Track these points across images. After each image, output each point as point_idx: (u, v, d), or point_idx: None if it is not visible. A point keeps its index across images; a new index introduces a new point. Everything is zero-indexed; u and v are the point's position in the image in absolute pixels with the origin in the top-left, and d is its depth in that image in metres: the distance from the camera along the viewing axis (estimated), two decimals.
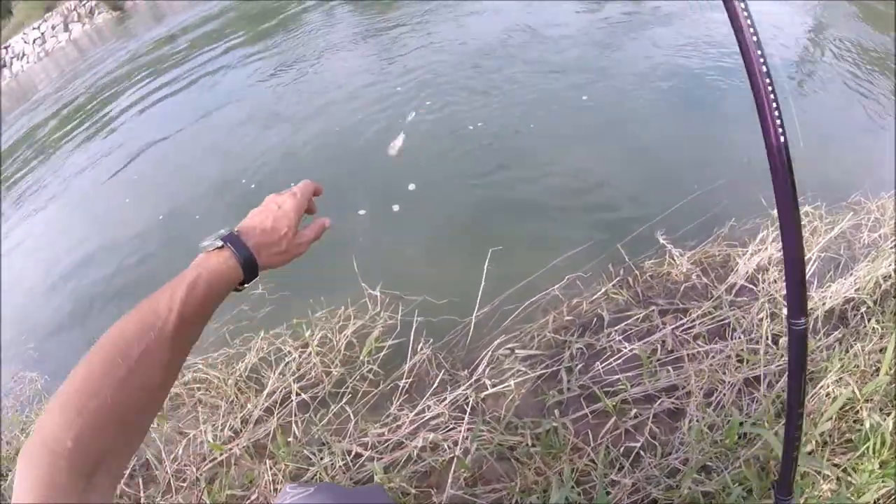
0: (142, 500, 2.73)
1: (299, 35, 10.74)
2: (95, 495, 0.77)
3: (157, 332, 0.89)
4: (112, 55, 19.06)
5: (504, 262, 3.25)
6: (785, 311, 2.62)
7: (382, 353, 3.05)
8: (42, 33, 35.23)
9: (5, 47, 36.18)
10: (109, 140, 9.58)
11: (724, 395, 2.37)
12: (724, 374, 2.45)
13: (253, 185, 5.55)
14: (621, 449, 2.30)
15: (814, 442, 2.09)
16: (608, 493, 2.13)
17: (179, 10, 22.13)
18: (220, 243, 1.04)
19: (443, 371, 2.85)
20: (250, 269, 1.06)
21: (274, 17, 13.06)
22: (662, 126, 4.77)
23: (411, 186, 4.61)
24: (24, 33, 35.88)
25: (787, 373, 1.95)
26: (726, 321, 2.70)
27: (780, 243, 2.97)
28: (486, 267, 3.06)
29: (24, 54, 34.99)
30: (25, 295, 5.68)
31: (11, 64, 35.12)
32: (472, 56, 7.05)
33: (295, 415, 2.86)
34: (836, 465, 2.03)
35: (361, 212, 4.51)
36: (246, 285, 1.09)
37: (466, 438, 2.43)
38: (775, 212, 3.05)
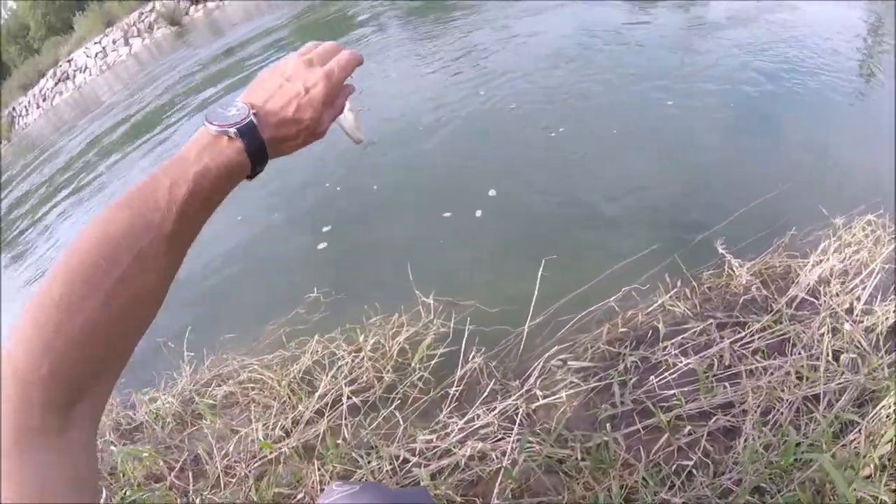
0: (190, 494, 2.78)
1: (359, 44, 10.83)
2: (77, 431, 0.67)
3: (155, 232, 0.76)
4: (178, 64, 19.62)
5: (559, 271, 3.20)
6: (848, 326, 2.54)
7: (434, 361, 3.04)
8: (103, 47, 36.63)
9: (68, 60, 37.64)
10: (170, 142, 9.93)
11: (782, 413, 2.29)
12: (783, 391, 2.36)
13: (339, 188, 5.56)
14: (673, 467, 2.24)
15: (872, 465, 2.00)
16: None
17: (238, 24, 22.58)
18: (233, 133, 0.88)
19: (493, 380, 2.82)
20: (260, 163, 0.93)
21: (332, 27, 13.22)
22: (728, 132, 4.63)
23: (492, 192, 4.57)
24: (86, 47, 37.42)
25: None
26: (786, 336, 2.61)
27: (842, 254, 2.89)
28: (539, 275, 3.01)
29: (86, 67, 36.57)
30: None
31: (75, 76, 36.57)
32: (551, 58, 6.94)
33: (345, 418, 2.88)
34: (894, 492, 1.95)
35: (447, 214, 4.50)
36: (249, 179, 0.96)
37: (515, 449, 2.41)
38: (837, 220, 2.97)
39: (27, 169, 17.71)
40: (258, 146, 0.90)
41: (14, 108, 43.25)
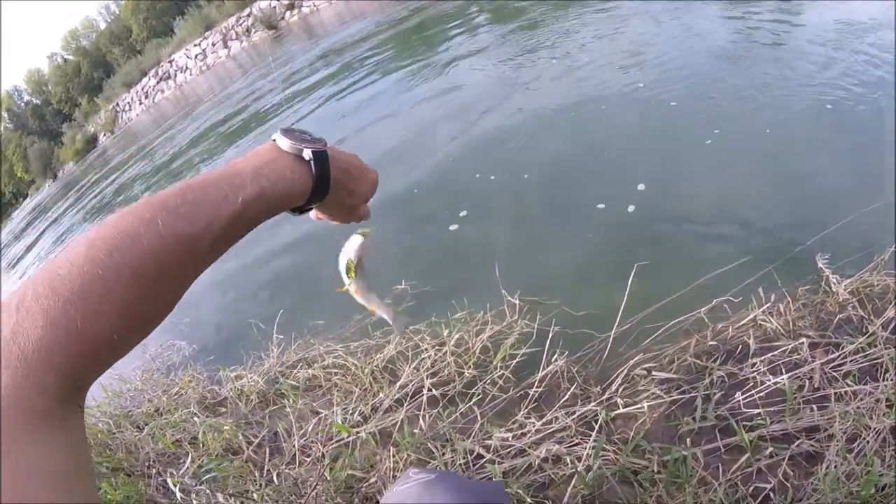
0: (266, 468, 2.86)
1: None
2: (73, 420, 0.66)
3: (188, 252, 0.73)
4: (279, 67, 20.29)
5: (650, 278, 3.14)
6: None
7: (516, 361, 3.05)
8: (203, 49, 38.63)
9: (169, 61, 39.48)
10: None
11: (868, 442, 2.19)
12: (871, 419, 2.26)
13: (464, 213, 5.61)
14: (750, 488, 2.17)
15: None
16: None
17: (331, 29, 23.11)
18: (308, 155, 0.88)
19: (574, 385, 2.81)
20: (316, 197, 0.92)
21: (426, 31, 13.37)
22: (824, 144, 4.49)
23: (641, 186, 4.54)
24: (187, 49, 39.65)
25: None
26: (879, 360, 2.49)
27: None
28: (630, 280, 2.97)
29: (186, 67, 38.36)
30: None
31: (176, 76, 38.29)
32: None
33: (423, 409, 2.93)
34: None
35: (601, 205, 4.48)
36: (297, 213, 0.96)
37: (590, 455, 2.38)
38: None
39: (132, 160, 18.52)
40: (325, 178, 0.91)
41: (118, 104, 45.40)
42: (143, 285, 0.69)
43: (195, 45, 39.29)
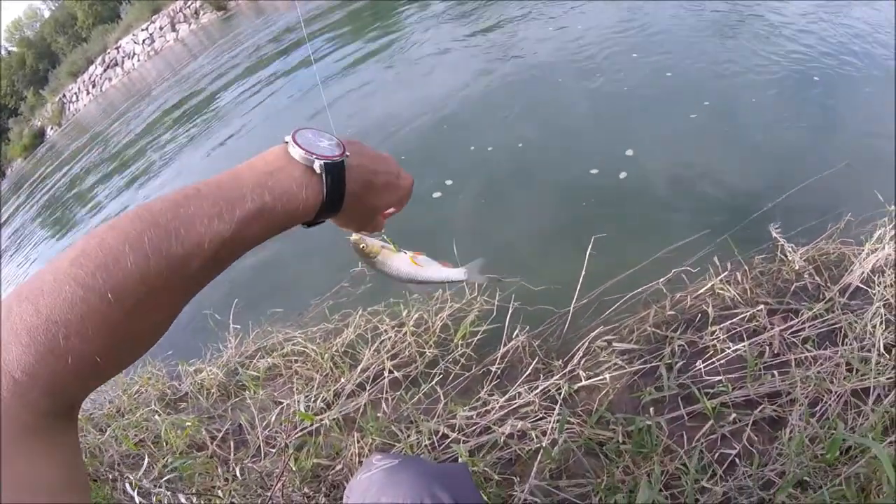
0: (231, 462, 2.82)
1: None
2: (64, 436, 0.65)
3: (174, 273, 0.68)
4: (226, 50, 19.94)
5: (607, 251, 3.15)
6: None
7: (477, 338, 3.03)
8: (150, 34, 37.68)
9: (116, 48, 38.54)
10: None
11: (830, 406, 2.22)
12: (832, 383, 2.29)
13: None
14: (715, 455, 2.20)
15: None
16: (697, 501, 2.05)
17: (283, 9, 22.68)
18: (318, 166, 0.79)
19: (536, 359, 2.80)
20: (328, 213, 0.85)
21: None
22: (777, 114, 4.53)
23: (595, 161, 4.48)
24: (134, 34, 38.64)
25: None
26: (838, 326, 2.53)
27: None
28: (587, 254, 2.97)
29: (134, 53, 37.48)
30: None
31: (123, 62, 37.42)
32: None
33: (386, 392, 2.90)
34: None
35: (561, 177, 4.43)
36: (306, 226, 0.88)
37: (555, 429, 2.38)
38: (892, 208, 2.88)
39: (83, 152, 18.13)
40: (338, 195, 0.83)
41: (65, 95, 44.40)
42: (128, 308, 0.65)
43: (142, 30, 38.36)
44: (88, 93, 40.94)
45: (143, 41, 38.01)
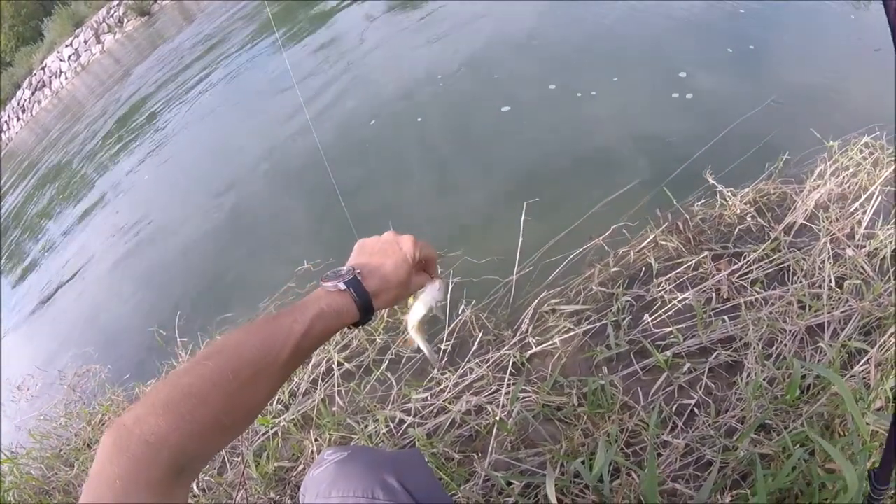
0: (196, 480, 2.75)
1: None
2: (181, 493, 0.83)
3: (272, 358, 0.95)
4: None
5: (544, 215, 3.12)
6: (850, 251, 2.44)
7: None
8: (75, 49, 36.14)
9: (42, 68, 37.25)
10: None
11: (785, 345, 2.20)
12: (785, 322, 2.27)
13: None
14: (674, 407, 2.16)
15: (884, 397, 1.89)
16: (659, 455, 2.01)
17: (208, 11, 22.11)
18: (343, 286, 1.08)
19: (484, 332, 2.76)
20: (366, 313, 1.11)
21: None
22: (698, 55, 4.57)
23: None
24: (58, 52, 36.88)
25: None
26: (786, 265, 2.52)
27: (840, 178, 2.80)
28: (522, 220, 2.93)
29: (61, 72, 36.11)
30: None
31: (51, 83, 36.19)
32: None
33: (339, 385, 2.85)
34: None
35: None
36: (359, 326, 1.16)
37: (510, 400, 2.34)
38: (832, 143, 2.87)
39: (21, 182, 17.58)
40: (366, 301, 1.10)
41: None
42: (242, 381, 0.91)
43: (66, 46, 36.89)
44: (19, 119, 39.74)
45: (69, 57, 36.70)
